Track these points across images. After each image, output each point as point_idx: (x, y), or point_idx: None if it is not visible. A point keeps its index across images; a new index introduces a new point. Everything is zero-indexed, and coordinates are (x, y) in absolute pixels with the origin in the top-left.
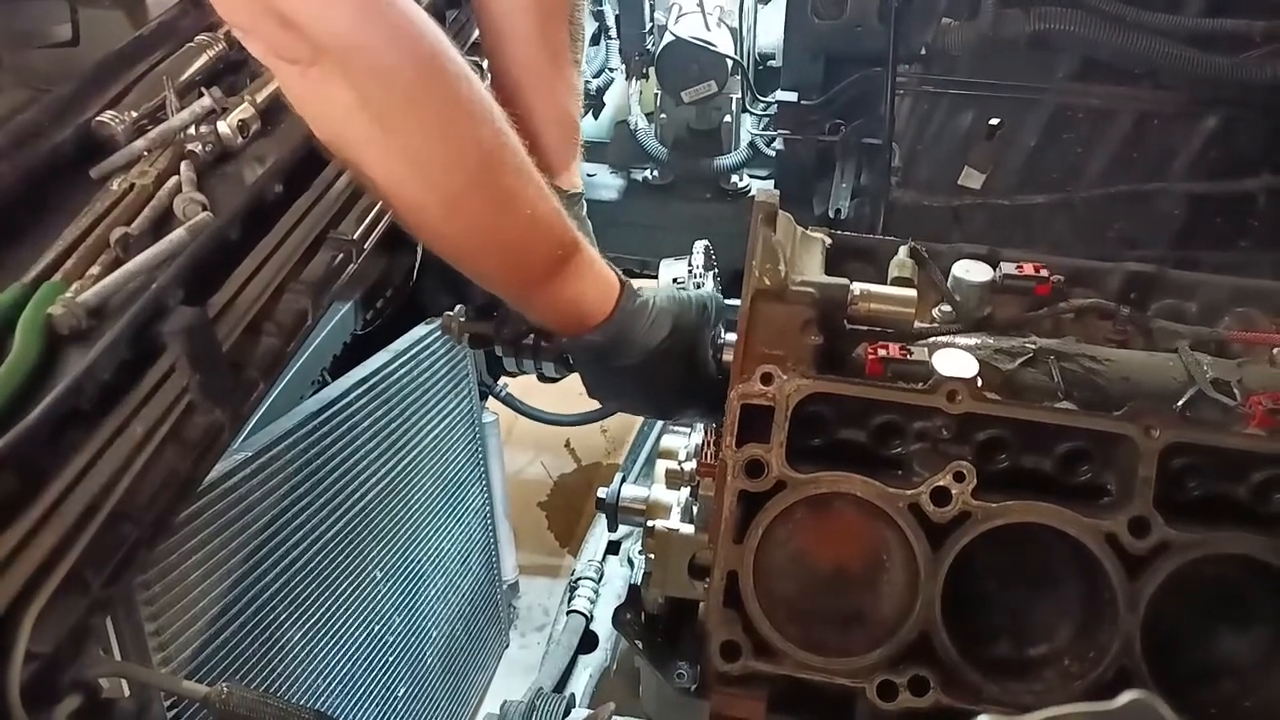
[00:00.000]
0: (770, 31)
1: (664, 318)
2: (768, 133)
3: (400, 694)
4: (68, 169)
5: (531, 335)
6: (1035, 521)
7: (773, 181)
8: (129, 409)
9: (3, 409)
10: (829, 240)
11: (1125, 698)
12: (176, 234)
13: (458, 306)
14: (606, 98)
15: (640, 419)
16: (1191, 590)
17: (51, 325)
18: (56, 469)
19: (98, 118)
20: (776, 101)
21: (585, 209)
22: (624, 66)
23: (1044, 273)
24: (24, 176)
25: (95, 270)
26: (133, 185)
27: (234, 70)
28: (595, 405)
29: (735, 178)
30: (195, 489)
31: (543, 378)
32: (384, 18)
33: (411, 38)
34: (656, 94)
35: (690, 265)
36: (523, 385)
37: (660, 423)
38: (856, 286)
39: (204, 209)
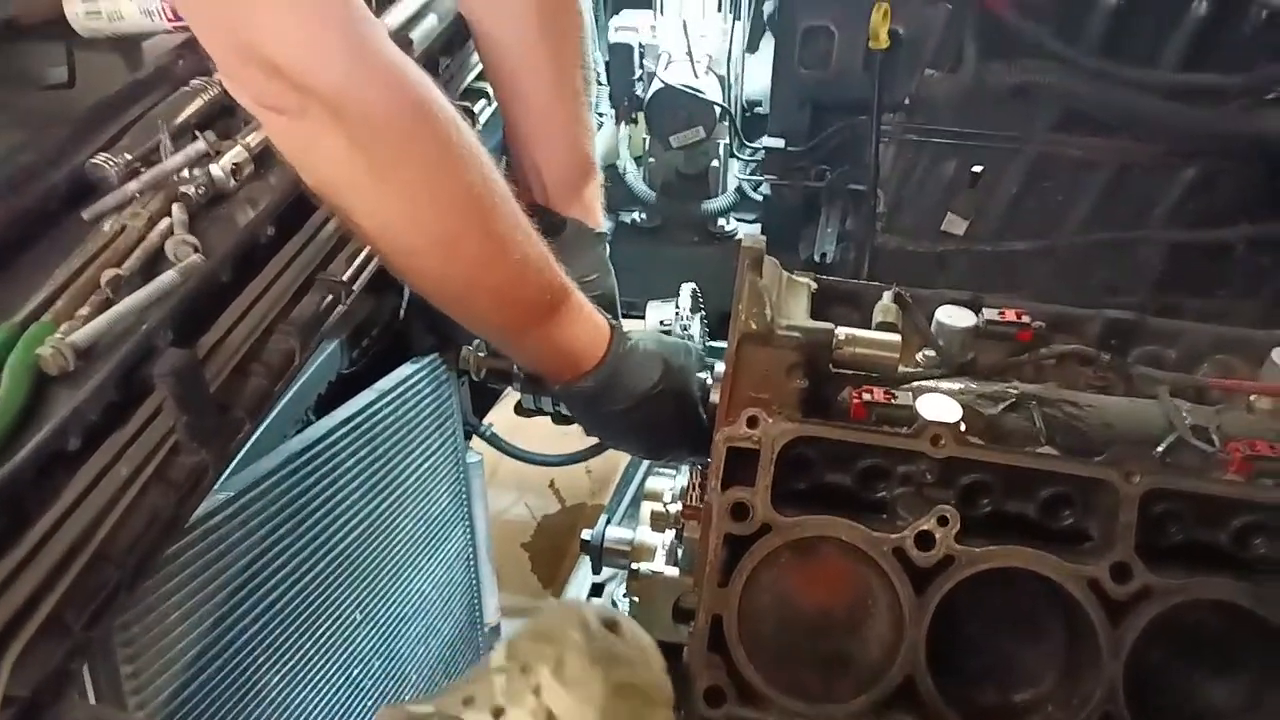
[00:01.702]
0: (757, 79)
1: (653, 361)
2: (755, 178)
3: None
4: (61, 211)
5: None
6: (1018, 566)
7: (760, 226)
8: (115, 449)
9: None
10: (814, 285)
11: None
12: (167, 275)
13: (475, 341)
14: (595, 141)
15: (625, 459)
16: (1174, 636)
17: (40, 366)
18: (40, 510)
19: (92, 160)
20: (763, 147)
21: (608, 251)
22: (613, 111)
23: (1026, 319)
24: (17, 218)
25: (85, 311)
26: (124, 227)
27: (228, 114)
28: (580, 446)
29: (722, 221)
30: (179, 531)
31: (558, 416)
32: (373, 68)
33: (400, 87)
34: (645, 138)
35: (677, 308)
36: (507, 425)
37: (645, 464)
38: (841, 331)
39: (195, 250)
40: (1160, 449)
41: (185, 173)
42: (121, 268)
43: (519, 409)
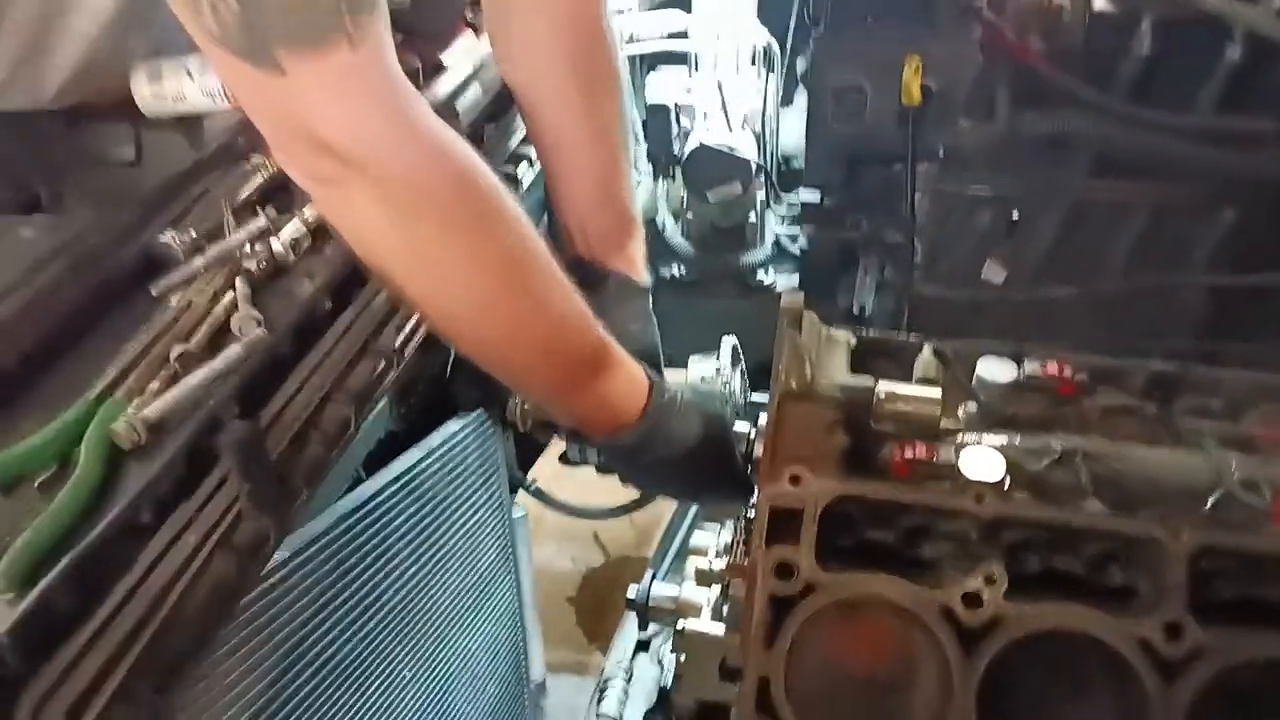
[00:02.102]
0: (792, 132)
1: (693, 413)
2: (792, 230)
3: None
4: (129, 286)
5: None
6: (1068, 626)
7: (798, 277)
8: (183, 520)
9: (69, 525)
10: (854, 340)
11: None
12: (233, 350)
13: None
14: (637, 196)
15: (669, 511)
16: (1229, 695)
17: (114, 441)
18: (113, 581)
19: (159, 237)
20: (800, 201)
21: (651, 303)
22: (651, 168)
23: (1068, 371)
24: (90, 295)
25: (155, 386)
26: (190, 302)
27: (285, 189)
28: (624, 497)
29: (761, 274)
30: (242, 597)
31: (601, 466)
32: (416, 141)
33: (442, 160)
34: (683, 194)
35: (718, 362)
36: (550, 475)
37: (689, 517)
38: (882, 388)
39: (259, 325)
40: (1209, 503)
41: (247, 248)
42: (189, 343)
43: (564, 459)
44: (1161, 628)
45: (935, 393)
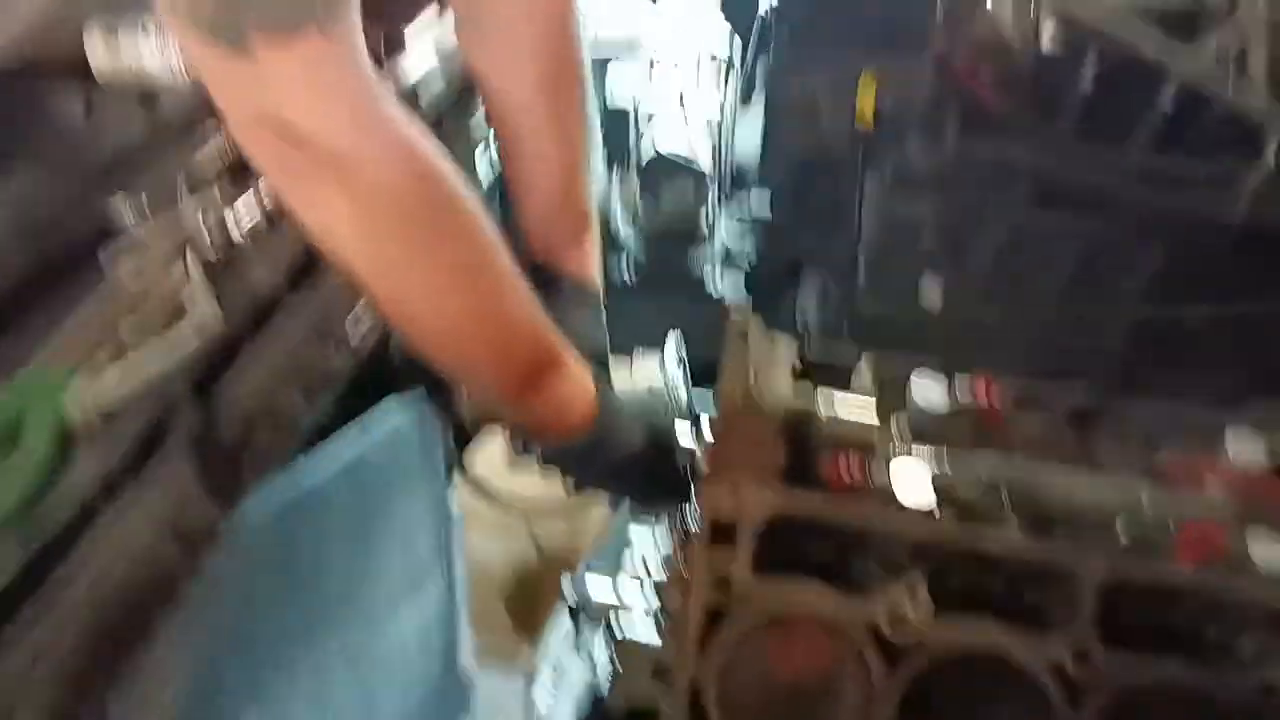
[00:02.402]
0: (748, 139)
1: (638, 420)
2: (742, 239)
3: None
4: (79, 255)
5: None
6: (984, 648)
7: (745, 283)
8: (131, 503)
9: (15, 504)
10: (796, 354)
11: None
12: (184, 333)
13: None
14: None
15: (604, 506)
16: (1131, 714)
17: (61, 417)
18: (59, 563)
19: (110, 204)
20: (751, 216)
21: (604, 315)
22: (607, 171)
23: (995, 396)
24: (37, 262)
25: (103, 356)
26: (140, 274)
27: (241, 164)
28: (560, 490)
29: (708, 280)
30: (189, 584)
31: (544, 462)
32: (381, 134)
33: (406, 154)
34: (636, 194)
35: (663, 357)
36: (487, 469)
37: (625, 513)
38: (821, 399)
39: (211, 302)
40: (1119, 528)
41: (200, 219)
42: (139, 316)
43: (509, 455)
44: (1071, 650)
45: (870, 409)
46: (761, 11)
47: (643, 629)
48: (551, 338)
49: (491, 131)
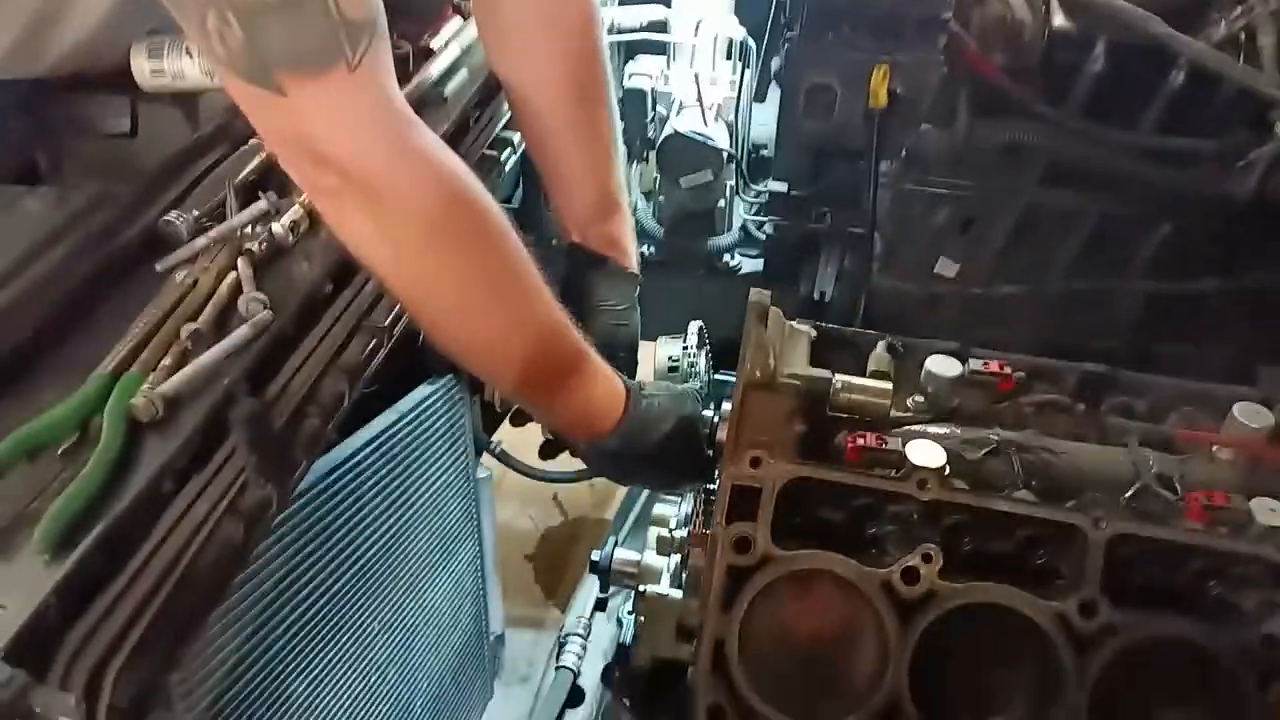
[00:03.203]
0: (763, 124)
1: (667, 416)
2: (759, 218)
3: None
4: (134, 263)
5: None
6: (994, 602)
7: (762, 262)
8: (197, 489)
9: (95, 492)
10: (814, 333)
11: None
12: (241, 331)
13: None
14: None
15: None
16: (1135, 668)
17: (133, 415)
18: (136, 544)
19: (163, 217)
20: (768, 190)
21: (636, 291)
22: (625, 151)
23: (1008, 370)
24: (97, 272)
25: (168, 362)
26: (195, 281)
27: (284, 172)
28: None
29: (728, 257)
30: (247, 558)
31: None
32: (409, 160)
33: (434, 178)
34: (656, 177)
35: (685, 344)
36: (514, 440)
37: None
38: (838, 379)
39: (265, 307)
40: (1127, 495)
41: (249, 229)
42: (198, 322)
43: (543, 453)
44: (1078, 605)
45: (886, 386)
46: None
47: (670, 594)
48: (580, 345)
49: (515, 133)
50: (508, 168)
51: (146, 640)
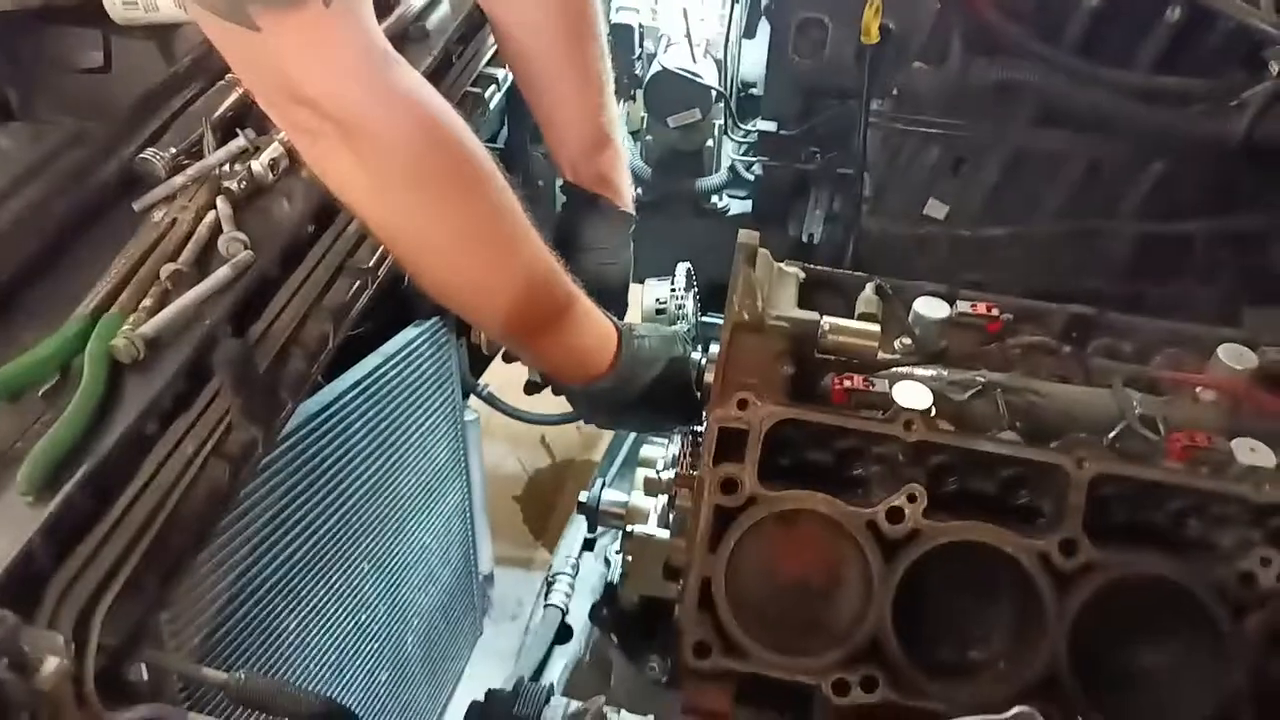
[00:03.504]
0: (753, 63)
1: (658, 358)
2: (748, 158)
3: (383, 679)
4: (111, 202)
5: None
6: (977, 540)
7: (751, 203)
8: (181, 430)
9: (78, 434)
10: (802, 275)
11: (1013, 711)
12: (222, 271)
13: None
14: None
15: None
16: (1114, 606)
17: (114, 356)
18: (121, 486)
19: (140, 155)
20: (757, 130)
21: (630, 230)
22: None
23: (995, 311)
24: (74, 210)
25: (148, 303)
26: (174, 219)
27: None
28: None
29: (716, 198)
30: (233, 500)
31: (558, 391)
32: (388, 97)
33: (415, 115)
34: (643, 116)
35: (673, 286)
36: (501, 383)
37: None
38: (825, 321)
39: (245, 247)
40: (1110, 436)
41: (227, 167)
42: (178, 262)
43: (528, 389)
44: (1059, 543)
45: (874, 328)
46: None
47: (657, 534)
48: (569, 287)
49: (500, 69)
50: (492, 105)
51: (134, 581)
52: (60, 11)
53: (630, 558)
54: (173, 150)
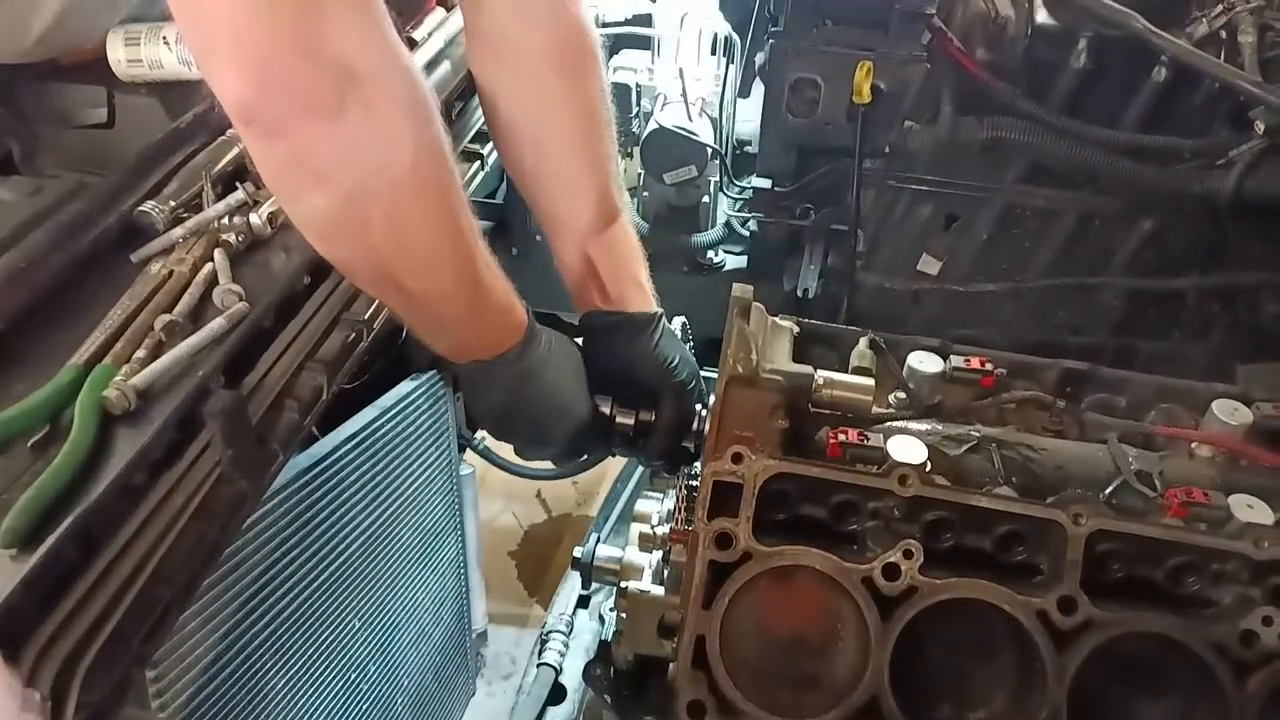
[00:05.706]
0: (748, 119)
1: (560, 368)
2: (743, 214)
3: None
4: (109, 254)
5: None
6: (974, 597)
7: (746, 259)
8: (170, 482)
9: (66, 486)
10: (797, 329)
11: None
12: (216, 323)
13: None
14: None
15: (611, 473)
16: (1114, 663)
17: (105, 407)
18: (107, 538)
19: (139, 207)
20: (752, 186)
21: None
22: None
23: (989, 366)
24: (72, 262)
25: (141, 354)
26: (171, 271)
27: None
28: None
29: (711, 253)
30: (221, 554)
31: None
32: (402, 58)
33: (417, 77)
34: (640, 172)
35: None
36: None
37: (632, 479)
38: (820, 375)
39: (240, 299)
40: (1106, 492)
41: (226, 220)
42: (173, 313)
43: None
44: (1057, 601)
45: (869, 382)
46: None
47: (652, 590)
48: (486, 254)
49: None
50: (489, 162)
51: (117, 636)
52: (65, 68)
53: (625, 614)
54: (172, 203)
